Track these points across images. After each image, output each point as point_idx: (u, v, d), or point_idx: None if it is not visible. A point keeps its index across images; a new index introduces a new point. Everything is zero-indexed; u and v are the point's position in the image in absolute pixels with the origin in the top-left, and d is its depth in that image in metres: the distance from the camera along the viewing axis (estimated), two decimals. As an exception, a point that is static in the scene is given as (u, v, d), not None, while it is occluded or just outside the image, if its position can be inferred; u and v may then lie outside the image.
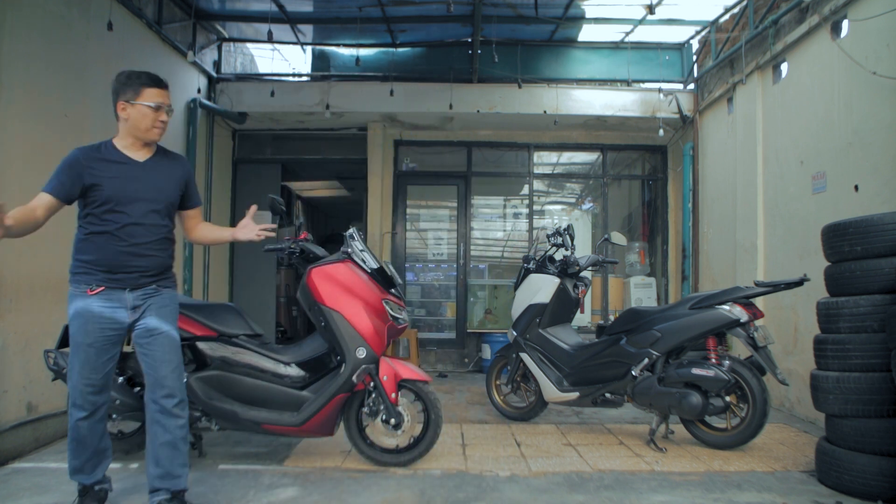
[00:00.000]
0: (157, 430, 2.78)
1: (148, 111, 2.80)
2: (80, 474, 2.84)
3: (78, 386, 2.74)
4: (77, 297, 2.77)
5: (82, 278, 2.78)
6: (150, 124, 2.81)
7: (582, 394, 4.50)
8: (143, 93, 2.81)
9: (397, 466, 3.61)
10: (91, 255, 2.77)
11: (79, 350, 2.74)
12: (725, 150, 6.53)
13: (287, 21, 6.62)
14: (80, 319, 2.75)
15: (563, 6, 6.33)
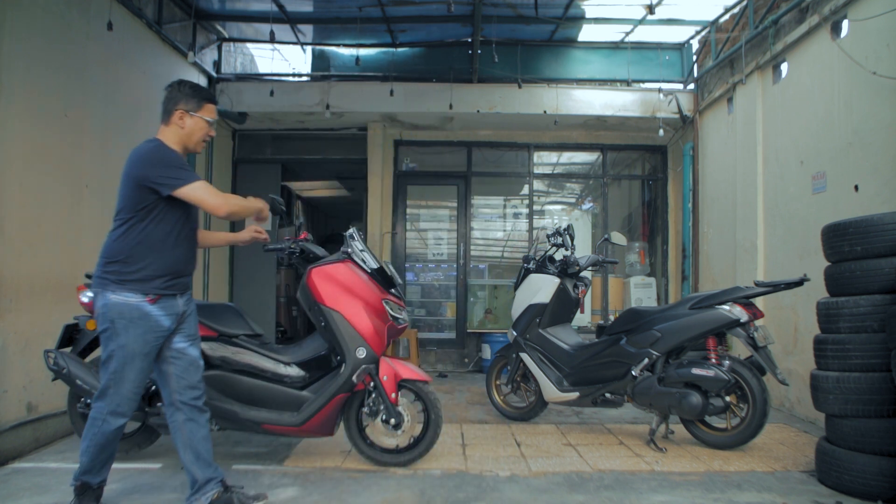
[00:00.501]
0: (192, 427, 2.84)
1: (204, 125, 2.89)
2: (89, 475, 2.82)
3: (128, 395, 2.74)
4: (132, 305, 2.71)
5: (139, 286, 2.72)
6: (202, 137, 2.90)
7: (582, 394, 4.50)
8: (205, 107, 2.88)
9: (397, 466, 3.61)
10: (149, 261, 2.74)
11: (135, 359, 2.72)
12: (725, 150, 6.53)
13: (287, 21, 6.62)
14: (139, 329, 2.71)
15: (563, 6, 6.33)
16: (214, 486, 2.84)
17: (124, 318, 2.70)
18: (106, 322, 2.72)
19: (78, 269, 4.24)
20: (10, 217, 3.87)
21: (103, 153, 4.89)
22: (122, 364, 2.71)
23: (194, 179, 2.71)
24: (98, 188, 4.80)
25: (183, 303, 2.88)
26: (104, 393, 2.74)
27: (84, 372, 3.53)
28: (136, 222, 2.73)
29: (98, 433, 2.74)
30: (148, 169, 2.69)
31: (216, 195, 2.75)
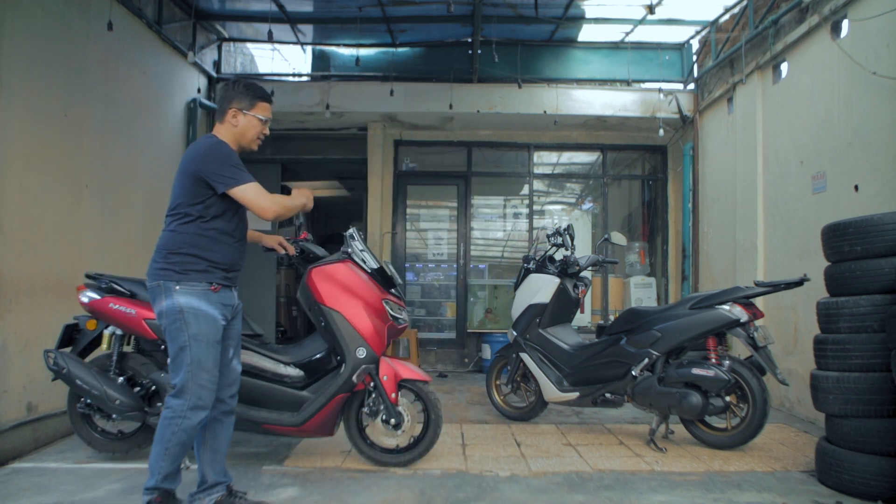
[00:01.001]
0: (218, 428, 2.85)
1: (258, 123, 2.87)
2: (169, 480, 2.71)
3: (207, 385, 2.69)
4: (200, 294, 2.71)
5: (204, 276, 2.72)
6: (256, 135, 2.88)
7: (582, 394, 4.50)
8: (258, 105, 2.87)
9: (397, 466, 3.61)
10: (211, 253, 2.75)
11: (210, 347, 2.70)
12: (725, 150, 6.53)
13: (287, 21, 6.62)
14: (208, 317, 2.70)
15: (563, 6, 6.33)
16: (220, 490, 2.84)
17: (193, 307, 2.67)
18: (173, 314, 2.67)
19: (78, 269, 4.24)
20: (10, 217, 3.87)
21: (103, 153, 4.89)
22: (199, 354, 2.67)
23: (248, 180, 2.70)
24: (98, 188, 4.81)
25: (236, 296, 2.90)
26: (183, 389, 2.66)
27: (84, 372, 3.53)
28: (195, 216, 2.73)
29: (179, 431, 2.65)
30: (206, 164, 2.68)
31: (265, 198, 2.71)
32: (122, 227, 5.17)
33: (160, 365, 3.65)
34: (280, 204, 2.75)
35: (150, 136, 5.69)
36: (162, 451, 2.66)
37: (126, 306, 3.59)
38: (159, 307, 2.71)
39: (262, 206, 2.70)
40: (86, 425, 3.75)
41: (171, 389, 2.70)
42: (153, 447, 2.68)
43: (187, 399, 2.66)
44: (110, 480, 3.37)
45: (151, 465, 2.69)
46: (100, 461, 3.72)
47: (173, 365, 2.70)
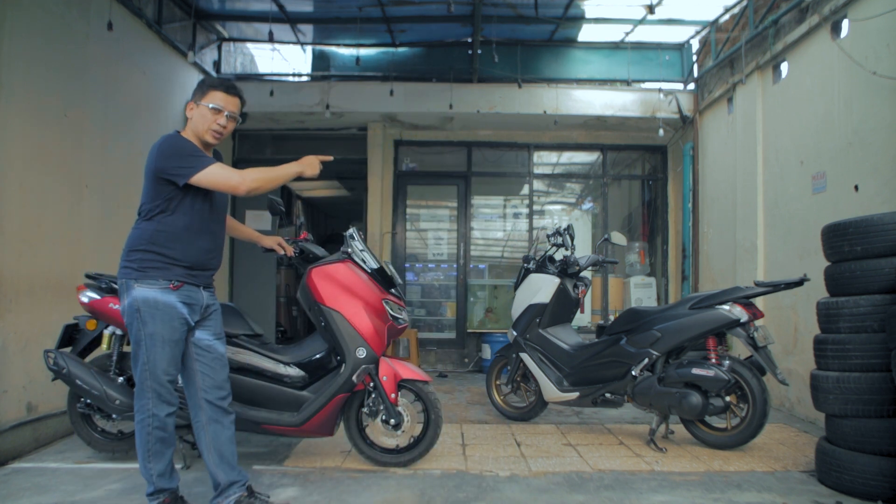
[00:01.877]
0: (216, 429, 2.80)
1: (208, 112, 2.77)
2: (165, 479, 2.71)
3: (164, 382, 2.67)
4: (156, 292, 2.66)
5: (161, 273, 2.68)
6: (208, 125, 2.78)
7: (582, 394, 4.50)
8: (209, 94, 2.78)
9: (397, 466, 3.61)
10: (173, 250, 2.70)
11: (165, 346, 2.66)
12: (725, 150, 6.53)
13: (287, 21, 6.62)
14: (164, 315, 2.66)
15: (563, 6, 6.33)
16: (238, 490, 2.78)
17: (149, 305, 2.64)
18: (132, 312, 2.65)
19: (78, 269, 4.24)
20: (10, 217, 3.87)
21: (103, 153, 4.89)
22: (153, 352, 2.65)
23: (207, 164, 2.64)
24: (98, 188, 4.81)
25: (207, 296, 2.83)
26: (142, 387, 2.66)
27: (84, 372, 3.53)
28: (157, 213, 2.70)
29: (153, 429, 2.66)
30: (162, 161, 2.66)
31: (231, 173, 2.66)
32: (122, 227, 5.11)
33: (160, 365, 3.64)
34: (255, 177, 2.68)
35: (150, 136, 5.64)
36: (145, 453, 2.68)
37: (126, 306, 3.58)
38: (122, 305, 2.71)
39: (230, 184, 2.65)
40: (86, 425, 3.75)
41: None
42: (138, 455, 2.70)
43: (148, 397, 2.66)
44: (110, 480, 3.37)
45: (142, 472, 2.70)
46: (100, 461, 3.72)
47: (133, 362, 2.71)
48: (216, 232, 2.88)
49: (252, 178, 2.69)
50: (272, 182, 2.77)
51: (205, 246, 2.80)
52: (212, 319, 2.86)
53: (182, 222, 2.71)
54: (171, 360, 2.69)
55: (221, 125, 2.80)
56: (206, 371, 2.79)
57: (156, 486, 2.69)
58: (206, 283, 2.84)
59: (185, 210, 2.72)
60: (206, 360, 2.80)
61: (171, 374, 2.70)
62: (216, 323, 2.88)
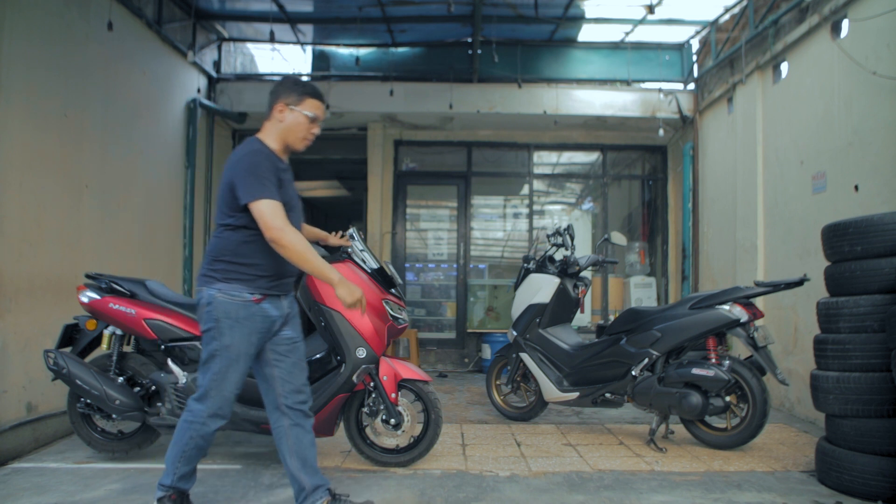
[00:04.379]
0: (298, 433, 2.76)
1: (304, 120, 2.73)
2: (185, 480, 2.71)
3: (229, 397, 2.66)
4: (238, 304, 2.62)
5: (245, 285, 2.63)
6: (303, 134, 2.75)
7: (582, 394, 4.50)
8: (306, 101, 2.72)
9: (397, 466, 3.61)
10: (257, 262, 2.65)
11: (239, 360, 2.64)
12: (725, 150, 6.53)
13: (287, 21, 6.62)
14: (245, 329, 2.62)
15: (563, 6, 6.33)
16: (323, 494, 2.74)
17: (230, 317, 2.60)
18: (210, 321, 2.61)
19: (78, 269, 4.24)
20: (10, 217, 3.87)
21: (103, 153, 4.89)
22: (227, 365, 2.62)
23: (265, 196, 2.53)
24: (98, 188, 4.81)
25: (287, 304, 2.80)
26: (205, 395, 2.63)
27: (84, 372, 3.53)
28: (241, 225, 2.63)
29: (197, 437, 2.65)
30: (235, 173, 2.59)
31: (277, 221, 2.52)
32: (122, 227, 5.17)
33: (160, 365, 3.65)
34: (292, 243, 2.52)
35: (150, 137, 5.69)
36: (179, 452, 2.66)
37: (126, 306, 3.59)
38: (199, 312, 2.66)
39: (269, 229, 2.51)
40: (86, 425, 3.75)
41: (196, 390, 2.68)
42: (171, 446, 2.68)
43: (208, 406, 2.64)
44: (110, 480, 3.37)
45: (168, 462, 2.68)
46: (100, 461, 3.71)
47: (202, 368, 2.66)
48: None
49: (289, 241, 2.52)
50: (300, 262, 2.56)
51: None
52: (290, 325, 2.81)
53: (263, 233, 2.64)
54: (242, 375, 2.67)
55: (314, 134, 2.79)
56: (284, 376, 2.76)
57: (172, 482, 2.68)
58: (287, 292, 2.80)
59: None
60: (284, 366, 2.76)
61: (238, 389, 2.69)
62: (295, 327, 2.84)
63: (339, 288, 2.58)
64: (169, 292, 3.83)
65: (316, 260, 2.57)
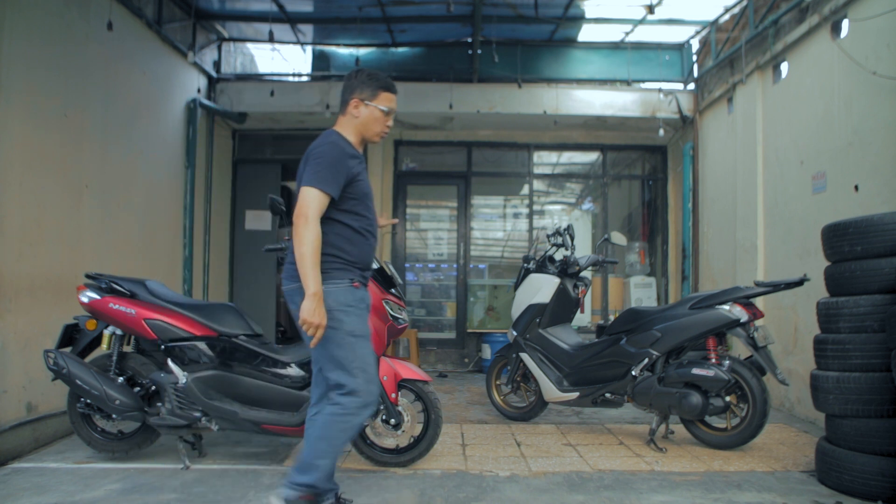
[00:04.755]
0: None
1: (380, 115, 2.78)
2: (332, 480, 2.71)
3: (373, 379, 2.68)
4: (343, 290, 2.65)
5: (340, 274, 2.67)
6: (380, 128, 2.80)
7: (582, 394, 4.50)
8: (381, 96, 2.77)
9: (397, 466, 3.61)
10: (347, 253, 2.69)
11: (367, 342, 2.68)
12: (725, 150, 6.53)
13: (287, 21, 6.62)
14: (356, 310, 2.66)
15: (563, 6, 6.33)
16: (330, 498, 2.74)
17: (341, 304, 2.62)
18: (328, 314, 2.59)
19: (78, 269, 4.24)
20: (10, 217, 3.87)
21: (103, 153, 4.89)
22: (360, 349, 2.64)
23: (317, 185, 2.56)
24: (98, 188, 4.80)
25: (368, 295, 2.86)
26: (355, 388, 2.61)
27: (84, 372, 3.53)
28: (328, 216, 2.65)
29: (348, 428, 2.64)
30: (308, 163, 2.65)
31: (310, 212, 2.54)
32: (122, 227, 5.17)
33: (160, 365, 3.65)
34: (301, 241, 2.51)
35: (150, 137, 5.69)
36: (326, 447, 2.62)
37: (126, 306, 3.59)
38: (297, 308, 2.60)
39: (300, 210, 2.54)
40: (86, 425, 3.75)
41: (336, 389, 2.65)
42: (312, 444, 2.63)
43: (361, 397, 2.63)
44: (110, 480, 3.37)
45: (308, 461, 2.62)
46: (100, 461, 3.71)
47: (331, 364, 2.64)
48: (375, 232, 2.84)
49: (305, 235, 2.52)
50: (298, 257, 2.53)
51: (369, 247, 2.78)
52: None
53: (356, 225, 2.71)
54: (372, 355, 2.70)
55: (389, 127, 2.83)
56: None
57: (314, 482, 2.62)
58: (366, 283, 2.85)
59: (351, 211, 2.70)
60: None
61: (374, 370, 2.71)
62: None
63: (307, 301, 2.49)
64: (169, 292, 3.83)
65: (311, 265, 2.51)
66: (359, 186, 2.73)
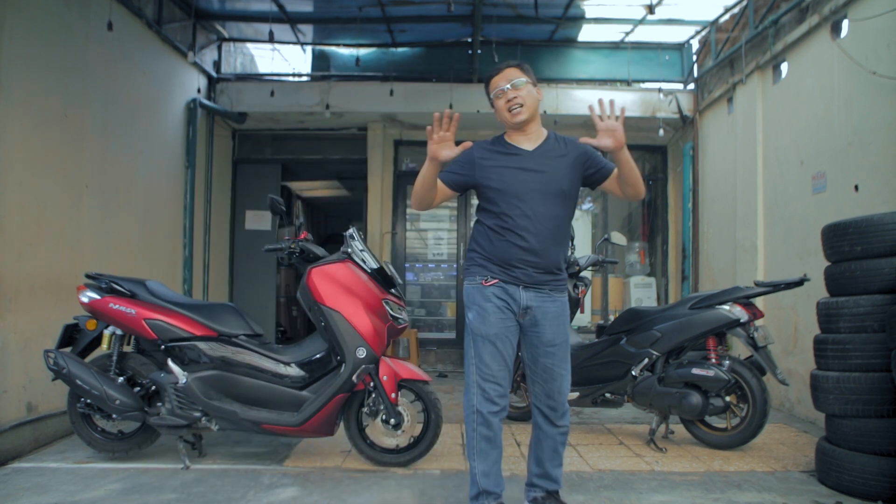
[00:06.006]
0: (539, 434, 2.77)
1: (498, 102, 2.81)
2: (487, 479, 2.65)
3: (488, 377, 2.64)
4: (471, 288, 2.73)
5: (476, 270, 2.73)
6: (505, 111, 2.79)
7: (582, 394, 4.49)
8: (490, 86, 2.85)
9: (397, 466, 3.61)
10: (486, 250, 2.72)
11: (480, 340, 2.66)
12: (725, 150, 6.53)
13: (287, 21, 6.62)
14: (478, 308, 2.69)
15: (563, 6, 6.33)
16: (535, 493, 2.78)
17: (468, 300, 2.73)
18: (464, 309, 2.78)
19: (78, 269, 4.23)
20: (10, 217, 3.87)
21: (103, 153, 4.89)
22: (473, 346, 2.68)
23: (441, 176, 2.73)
24: (98, 188, 4.80)
25: (528, 297, 2.67)
26: (468, 383, 2.68)
27: (84, 372, 3.53)
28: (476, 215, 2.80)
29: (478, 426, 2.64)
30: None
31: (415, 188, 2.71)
32: (122, 227, 5.17)
33: (160, 365, 3.65)
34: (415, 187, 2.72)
35: (150, 137, 5.69)
36: (470, 450, 2.67)
37: (126, 306, 3.59)
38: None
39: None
40: (86, 425, 3.75)
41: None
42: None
43: (472, 393, 2.66)
44: (110, 480, 3.37)
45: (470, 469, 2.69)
46: (100, 461, 3.71)
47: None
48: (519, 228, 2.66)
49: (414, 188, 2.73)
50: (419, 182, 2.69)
51: (507, 244, 2.66)
52: (547, 320, 2.70)
53: (489, 222, 2.72)
54: (493, 355, 2.64)
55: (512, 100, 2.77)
56: (538, 375, 2.74)
57: (480, 487, 2.64)
58: (525, 283, 2.67)
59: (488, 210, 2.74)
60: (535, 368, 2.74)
61: (492, 371, 2.64)
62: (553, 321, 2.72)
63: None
64: (169, 292, 3.83)
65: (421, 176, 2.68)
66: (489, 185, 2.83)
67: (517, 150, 2.78)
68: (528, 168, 2.73)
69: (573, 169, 2.79)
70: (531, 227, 2.66)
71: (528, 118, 2.76)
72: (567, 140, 2.88)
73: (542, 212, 2.68)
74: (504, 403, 2.66)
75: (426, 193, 2.69)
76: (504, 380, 2.67)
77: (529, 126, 2.80)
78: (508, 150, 2.79)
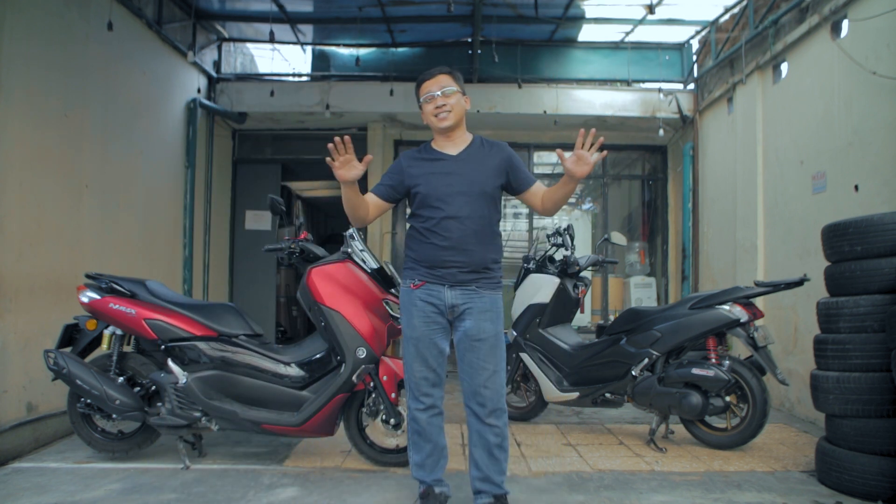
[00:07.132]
0: (471, 435, 2.86)
1: (426, 106, 2.87)
2: (421, 470, 2.87)
3: (411, 377, 2.83)
4: (403, 292, 2.88)
5: (407, 273, 2.86)
6: (432, 116, 2.85)
7: (582, 394, 4.50)
8: (421, 90, 2.90)
9: (397, 466, 3.62)
10: (414, 252, 2.85)
11: (408, 343, 2.82)
12: (725, 150, 6.53)
13: (287, 21, 6.62)
14: (408, 312, 2.82)
15: (563, 6, 6.33)
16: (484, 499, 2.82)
17: (402, 303, 2.89)
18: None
19: (78, 269, 4.24)
20: (10, 217, 3.87)
21: (103, 153, 4.89)
22: (405, 348, 2.84)
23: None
24: (98, 188, 4.81)
25: (453, 295, 2.76)
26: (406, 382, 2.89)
27: (84, 372, 3.53)
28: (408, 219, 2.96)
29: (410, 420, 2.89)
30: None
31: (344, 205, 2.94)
32: (122, 227, 5.17)
33: (160, 365, 3.65)
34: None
35: (150, 137, 5.69)
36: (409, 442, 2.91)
37: (126, 306, 3.59)
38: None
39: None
40: (86, 425, 3.75)
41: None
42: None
43: (409, 391, 2.87)
44: (110, 480, 3.37)
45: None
46: (100, 461, 3.71)
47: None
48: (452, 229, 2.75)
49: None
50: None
51: (437, 244, 2.76)
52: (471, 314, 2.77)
53: (417, 225, 2.85)
54: (419, 356, 2.81)
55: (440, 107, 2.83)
56: (464, 371, 2.84)
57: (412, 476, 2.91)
58: (451, 282, 2.76)
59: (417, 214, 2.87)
60: (465, 357, 2.82)
61: (418, 372, 2.81)
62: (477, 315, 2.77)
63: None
64: (169, 292, 3.83)
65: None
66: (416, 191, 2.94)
67: (442, 155, 2.88)
68: (452, 172, 2.82)
69: (496, 172, 2.89)
70: (455, 227, 2.75)
71: (453, 124, 2.85)
72: (493, 144, 2.99)
73: (467, 213, 2.77)
74: (429, 402, 2.83)
75: (355, 212, 2.86)
76: (427, 379, 2.82)
77: (455, 132, 2.89)
78: (433, 156, 2.89)
